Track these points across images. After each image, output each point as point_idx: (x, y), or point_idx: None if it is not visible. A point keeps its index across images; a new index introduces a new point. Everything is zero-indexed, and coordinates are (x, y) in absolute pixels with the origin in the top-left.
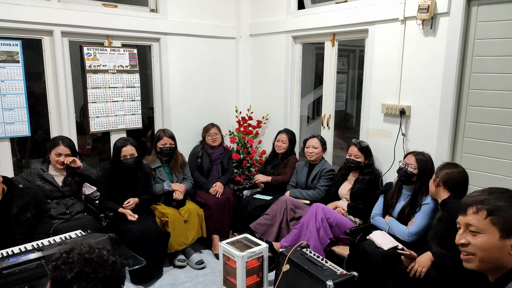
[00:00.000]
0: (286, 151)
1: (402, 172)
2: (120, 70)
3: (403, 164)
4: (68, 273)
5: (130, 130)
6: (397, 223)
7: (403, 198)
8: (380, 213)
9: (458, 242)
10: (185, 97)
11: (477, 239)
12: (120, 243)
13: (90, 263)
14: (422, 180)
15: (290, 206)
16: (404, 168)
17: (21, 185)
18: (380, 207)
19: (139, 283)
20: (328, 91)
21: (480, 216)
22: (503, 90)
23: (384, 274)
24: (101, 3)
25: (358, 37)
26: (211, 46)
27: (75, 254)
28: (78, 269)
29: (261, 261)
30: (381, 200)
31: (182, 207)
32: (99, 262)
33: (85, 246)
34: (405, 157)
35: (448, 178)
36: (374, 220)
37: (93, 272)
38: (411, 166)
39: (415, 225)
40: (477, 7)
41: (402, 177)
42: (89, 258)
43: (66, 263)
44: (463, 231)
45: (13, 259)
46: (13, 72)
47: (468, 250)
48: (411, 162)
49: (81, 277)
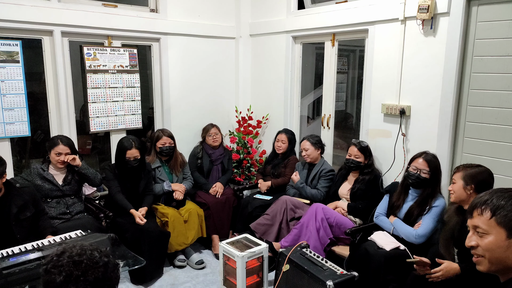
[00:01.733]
0: (286, 151)
1: (414, 178)
2: (120, 70)
3: (413, 170)
4: (58, 277)
5: (130, 130)
6: (404, 225)
7: (411, 199)
8: (384, 213)
9: (468, 245)
10: (185, 97)
11: (484, 240)
12: (120, 243)
13: (80, 265)
14: (435, 182)
15: (290, 206)
16: (417, 173)
17: (18, 185)
18: (384, 207)
19: (139, 283)
20: (328, 91)
21: (485, 217)
22: (503, 90)
23: (387, 275)
24: (101, 3)
25: (358, 37)
26: (211, 46)
27: (66, 257)
28: (67, 273)
29: (261, 261)
30: (385, 199)
31: (182, 207)
32: (89, 265)
33: (76, 248)
34: (412, 161)
35: (483, 182)
36: (378, 220)
37: (83, 275)
38: (423, 172)
39: (423, 227)
40: (477, 7)
41: (414, 183)
42: (79, 261)
43: (56, 266)
44: (471, 233)
45: (13, 259)
46: (13, 72)
47: (478, 253)
48: (423, 168)
49: (70, 281)
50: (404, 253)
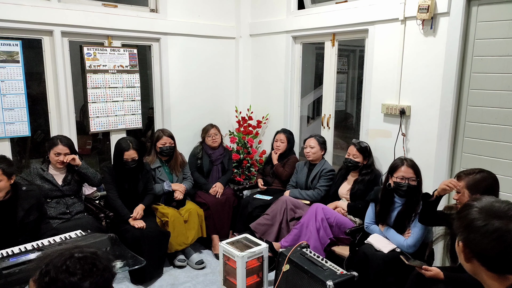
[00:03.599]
0: (285, 150)
1: (405, 188)
2: (120, 70)
3: (401, 180)
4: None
5: (130, 130)
6: (395, 234)
7: (397, 206)
8: (373, 222)
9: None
10: (185, 97)
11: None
12: (120, 243)
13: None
14: (420, 187)
15: (290, 206)
16: (406, 183)
17: (24, 188)
18: (371, 216)
19: (139, 283)
20: (328, 91)
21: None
22: (503, 90)
23: (386, 277)
24: (101, 3)
25: (358, 37)
26: (211, 46)
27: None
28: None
29: (261, 261)
30: (372, 208)
31: (182, 207)
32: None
33: (57, 261)
34: (394, 171)
35: (489, 188)
36: (369, 230)
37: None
38: (412, 180)
39: (412, 237)
40: (477, 7)
41: (404, 193)
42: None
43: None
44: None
45: (13, 259)
46: (13, 72)
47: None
48: (411, 175)
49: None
50: (401, 255)
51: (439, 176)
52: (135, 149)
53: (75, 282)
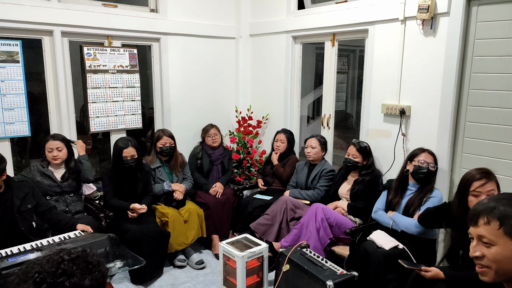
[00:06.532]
0: (285, 150)
1: (425, 171)
2: (120, 70)
3: (422, 163)
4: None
5: (130, 130)
6: (402, 217)
7: (409, 193)
8: (382, 208)
9: (472, 255)
10: (185, 97)
11: (491, 250)
12: (120, 243)
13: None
14: (435, 176)
15: (290, 206)
16: (426, 167)
17: (16, 179)
18: (382, 202)
19: (139, 283)
20: (328, 91)
21: (492, 227)
22: (503, 90)
23: (387, 274)
24: (101, 3)
25: (358, 37)
26: (211, 46)
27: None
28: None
29: (261, 261)
30: (384, 195)
31: (182, 207)
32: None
33: (49, 267)
34: (414, 156)
35: None
36: (376, 215)
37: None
38: (431, 165)
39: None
40: (477, 7)
41: (424, 176)
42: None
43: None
44: (476, 243)
45: (13, 259)
46: (13, 72)
47: (483, 263)
48: (430, 161)
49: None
50: (403, 252)
51: (439, 176)
52: (134, 147)
53: (76, 282)
